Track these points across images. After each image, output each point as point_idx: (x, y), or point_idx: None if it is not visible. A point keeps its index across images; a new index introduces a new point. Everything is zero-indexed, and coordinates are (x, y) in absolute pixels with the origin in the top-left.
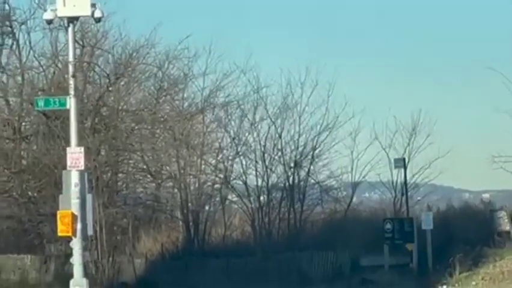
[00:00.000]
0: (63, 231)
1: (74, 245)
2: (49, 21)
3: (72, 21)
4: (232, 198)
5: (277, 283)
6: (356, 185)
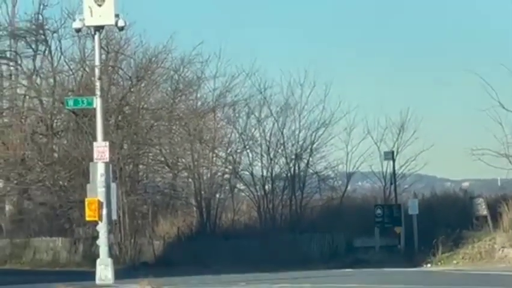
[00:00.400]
0: (90, 216)
1: (100, 229)
2: (78, 29)
3: (98, 29)
4: (240, 187)
5: (280, 262)
6: (350, 175)
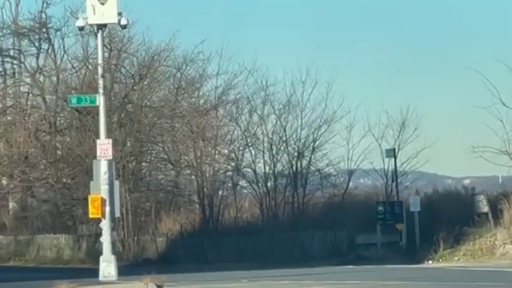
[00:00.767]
0: (93, 213)
1: (103, 226)
2: (81, 28)
3: (101, 28)
4: (242, 184)
5: (282, 259)
6: (352, 172)
